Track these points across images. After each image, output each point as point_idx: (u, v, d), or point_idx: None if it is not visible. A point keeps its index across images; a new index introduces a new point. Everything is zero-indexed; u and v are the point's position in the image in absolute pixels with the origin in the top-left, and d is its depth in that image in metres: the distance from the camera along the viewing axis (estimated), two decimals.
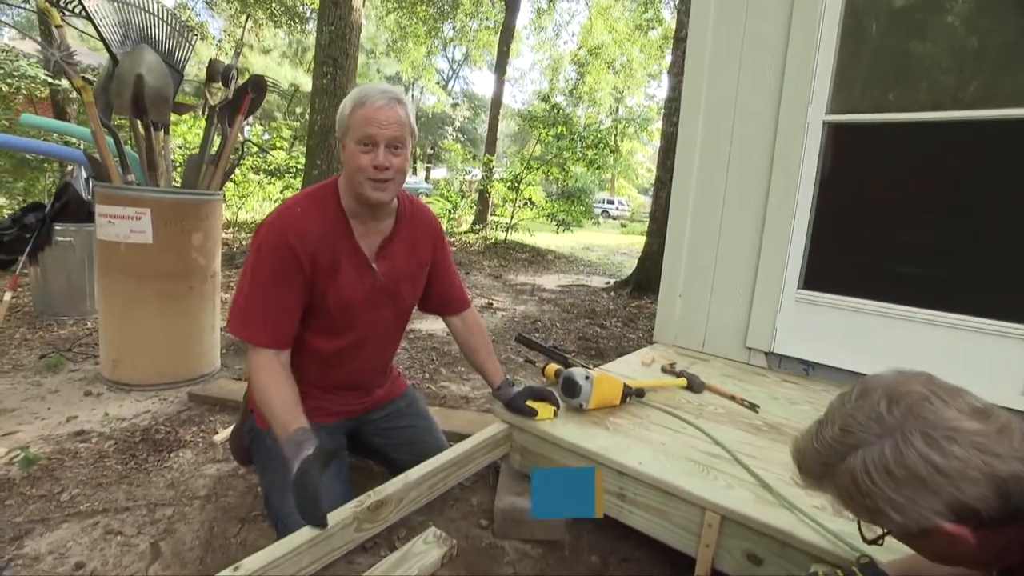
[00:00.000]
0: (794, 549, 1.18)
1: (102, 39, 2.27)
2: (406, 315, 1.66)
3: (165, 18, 2.44)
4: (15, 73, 5.84)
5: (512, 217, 10.18)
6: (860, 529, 0.77)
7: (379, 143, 1.29)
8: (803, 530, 1.17)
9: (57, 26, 2.24)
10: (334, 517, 1.20)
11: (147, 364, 2.45)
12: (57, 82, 6.45)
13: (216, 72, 2.60)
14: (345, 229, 1.40)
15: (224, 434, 2.01)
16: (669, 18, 16.65)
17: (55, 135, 5.31)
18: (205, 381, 2.57)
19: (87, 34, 2.36)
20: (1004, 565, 0.69)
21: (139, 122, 2.35)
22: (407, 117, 1.34)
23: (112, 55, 2.30)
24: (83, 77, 2.22)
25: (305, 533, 1.16)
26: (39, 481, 1.69)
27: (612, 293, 6.18)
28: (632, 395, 1.82)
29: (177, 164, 4.99)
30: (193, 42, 2.56)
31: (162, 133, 2.52)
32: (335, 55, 5.72)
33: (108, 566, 1.36)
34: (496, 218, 11.43)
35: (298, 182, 8.25)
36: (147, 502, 1.63)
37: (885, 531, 0.72)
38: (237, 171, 8.63)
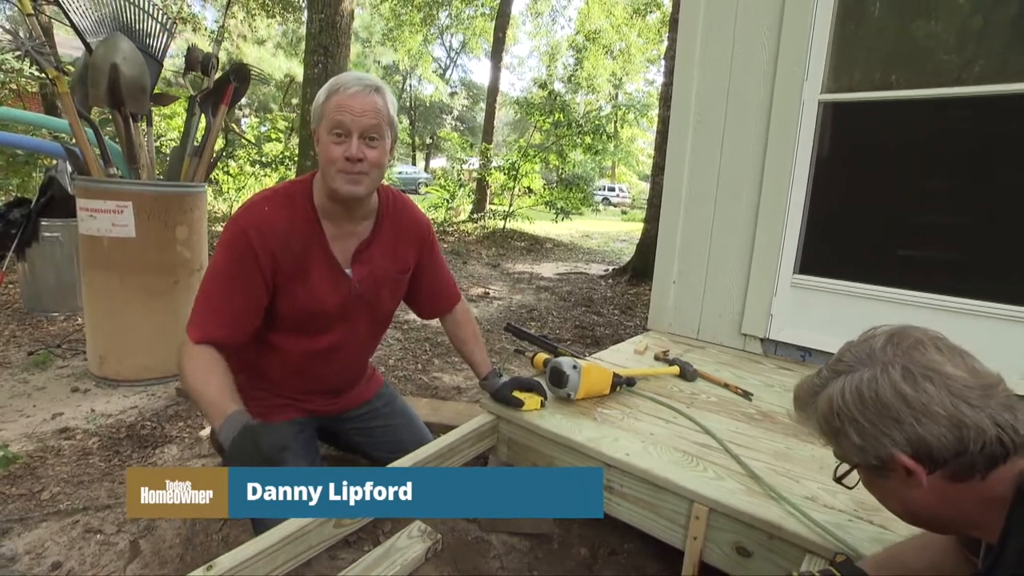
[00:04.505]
0: (783, 541, 1.15)
1: (74, 27, 2.21)
2: (385, 322, 1.58)
3: (141, 4, 2.36)
4: (2, 67, 5.76)
5: (510, 205, 10.11)
6: (835, 472, 0.76)
7: (352, 132, 1.18)
8: (791, 522, 1.14)
9: (27, 14, 2.18)
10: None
11: (134, 360, 2.42)
12: (45, 76, 6.38)
13: (195, 60, 2.53)
14: (315, 230, 1.29)
15: (209, 429, 1.98)
16: (667, 1, 16.41)
17: (44, 130, 5.24)
18: None
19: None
20: (972, 533, 0.68)
21: (118, 113, 2.30)
22: (385, 107, 1.22)
23: (86, 44, 2.24)
24: (57, 67, 2.16)
25: (281, 530, 1.12)
26: (20, 480, 1.66)
27: (610, 280, 6.14)
28: (622, 384, 1.79)
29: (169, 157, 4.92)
30: (172, 29, 2.49)
31: (143, 124, 2.47)
32: (326, 43, 5.63)
33: (86, 565, 1.34)
34: (494, 207, 11.35)
35: (292, 175, 8.19)
36: None
37: (849, 468, 0.72)
38: (233, 163, 8.57)
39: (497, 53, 13.13)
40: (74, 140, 2.45)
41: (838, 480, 0.75)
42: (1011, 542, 0.61)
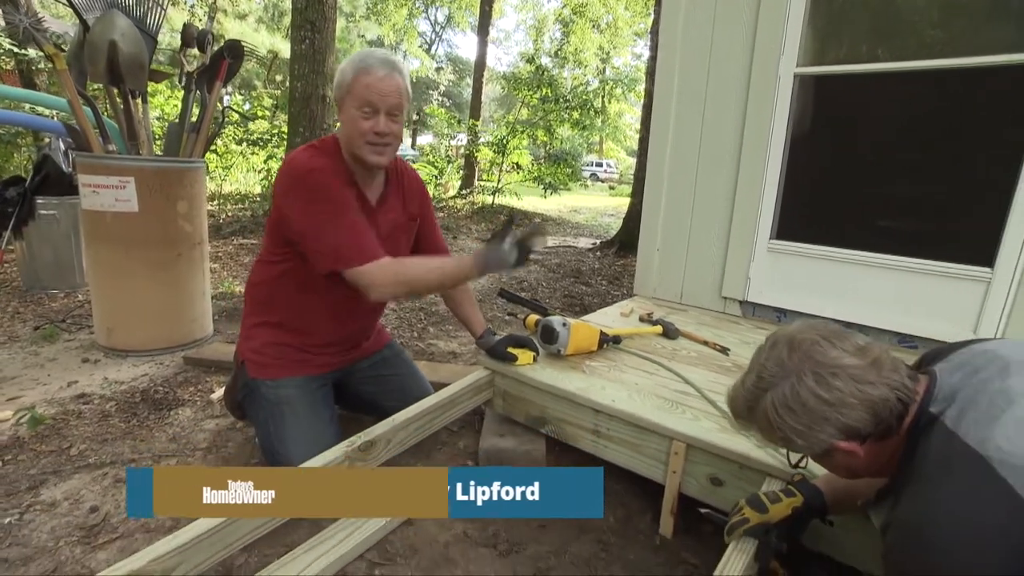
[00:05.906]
0: (750, 470, 1.30)
1: (71, 4, 2.23)
2: None
3: None
4: None
5: (499, 181, 10.15)
6: (787, 457, 0.91)
7: (380, 111, 1.37)
8: (757, 452, 1.29)
9: None
10: (326, 457, 1.29)
11: (141, 331, 2.51)
12: (24, 52, 6.25)
13: (191, 37, 2.56)
14: (352, 178, 1.47)
15: (221, 392, 2.09)
16: None
17: (26, 106, 5.19)
18: (199, 346, 2.64)
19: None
20: (890, 471, 0.84)
21: (116, 90, 2.34)
22: (405, 85, 1.40)
23: (82, 21, 2.27)
24: (54, 44, 2.20)
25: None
26: (48, 439, 1.77)
27: (598, 253, 6.27)
28: (609, 342, 1.92)
29: (157, 136, 4.90)
30: (164, 5, 2.52)
31: (139, 101, 2.52)
32: (312, 18, 5.57)
33: (120, 509, 1.46)
34: (483, 183, 11.37)
35: (281, 151, 8.14)
36: (152, 454, 1.73)
37: (801, 456, 0.88)
38: (219, 142, 8.48)
39: (483, 27, 12.97)
40: (56, 116, 2.45)
41: (794, 466, 0.97)
42: (899, 475, 0.78)
